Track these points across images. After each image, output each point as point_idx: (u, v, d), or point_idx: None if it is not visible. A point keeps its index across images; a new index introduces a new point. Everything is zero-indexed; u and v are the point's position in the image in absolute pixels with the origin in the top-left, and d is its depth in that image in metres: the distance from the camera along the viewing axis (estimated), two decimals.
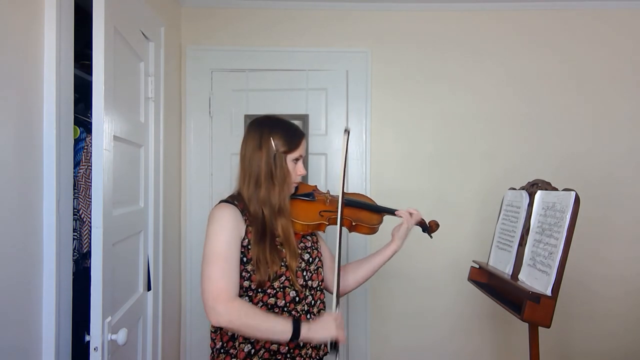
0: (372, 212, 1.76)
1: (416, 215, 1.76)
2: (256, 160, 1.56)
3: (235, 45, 2.95)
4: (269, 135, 1.56)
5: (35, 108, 1.44)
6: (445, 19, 2.96)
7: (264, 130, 1.58)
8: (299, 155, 1.60)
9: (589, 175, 2.90)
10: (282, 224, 1.54)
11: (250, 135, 1.60)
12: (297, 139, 1.59)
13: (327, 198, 1.69)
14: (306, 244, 1.63)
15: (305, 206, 1.63)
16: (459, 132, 2.95)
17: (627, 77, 2.93)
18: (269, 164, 1.55)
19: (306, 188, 1.71)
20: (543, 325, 1.57)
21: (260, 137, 1.57)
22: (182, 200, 2.93)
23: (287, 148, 1.57)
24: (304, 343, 1.53)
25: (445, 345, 2.97)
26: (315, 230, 1.63)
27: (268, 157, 1.55)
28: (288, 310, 1.54)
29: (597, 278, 2.91)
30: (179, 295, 2.89)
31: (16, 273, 1.35)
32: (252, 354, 1.51)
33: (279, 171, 1.55)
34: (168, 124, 2.54)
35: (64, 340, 1.56)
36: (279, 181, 1.55)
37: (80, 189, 1.97)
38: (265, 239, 1.51)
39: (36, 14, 1.44)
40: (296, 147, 1.59)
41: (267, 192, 1.54)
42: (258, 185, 1.55)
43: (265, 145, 1.55)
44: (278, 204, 1.55)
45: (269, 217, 1.54)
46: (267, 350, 1.51)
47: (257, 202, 1.55)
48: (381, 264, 1.75)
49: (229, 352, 1.53)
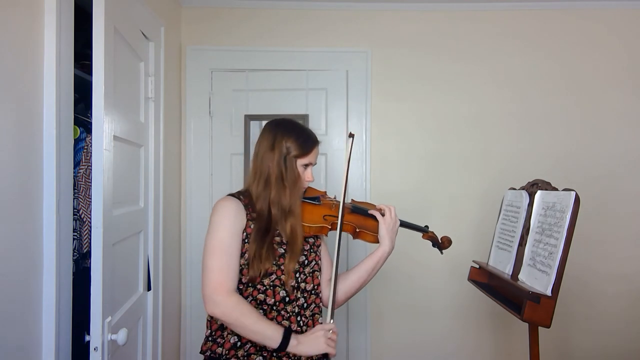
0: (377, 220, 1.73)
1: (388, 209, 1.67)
2: (267, 161, 1.58)
3: (235, 45, 2.95)
4: (282, 138, 1.58)
5: (35, 108, 1.44)
6: (446, 19, 2.96)
7: (279, 132, 1.60)
8: (309, 161, 1.62)
9: (589, 174, 2.90)
10: (292, 224, 1.55)
11: (264, 135, 1.63)
12: (309, 146, 1.61)
13: (333, 203, 1.69)
14: (304, 247, 1.62)
15: (310, 209, 1.64)
16: (459, 131, 2.95)
17: (626, 76, 2.93)
18: (280, 165, 1.57)
19: (314, 192, 1.73)
20: (543, 325, 1.57)
21: (274, 138, 1.59)
22: (182, 200, 2.93)
23: (298, 153, 1.58)
24: None
25: (445, 345, 2.97)
26: (318, 233, 1.63)
27: (279, 158, 1.57)
28: (277, 309, 1.53)
29: (597, 278, 2.91)
30: (179, 295, 2.89)
31: (16, 273, 1.35)
32: (238, 346, 1.51)
33: (289, 173, 1.57)
34: (168, 124, 2.54)
35: (64, 340, 1.56)
36: (289, 183, 1.57)
37: (80, 189, 1.97)
38: (266, 236, 1.52)
39: (36, 14, 1.44)
40: (307, 153, 1.61)
41: (277, 193, 1.56)
42: (268, 185, 1.57)
43: (278, 147, 1.58)
44: (289, 206, 1.56)
45: (276, 216, 1.55)
46: (253, 344, 1.51)
47: (266, 201, 1.56)
48: (372, 268, 1.65)
49: (216, 341, 1.54)
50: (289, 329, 1.48)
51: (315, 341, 1.46)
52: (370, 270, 1.66)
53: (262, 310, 1.52)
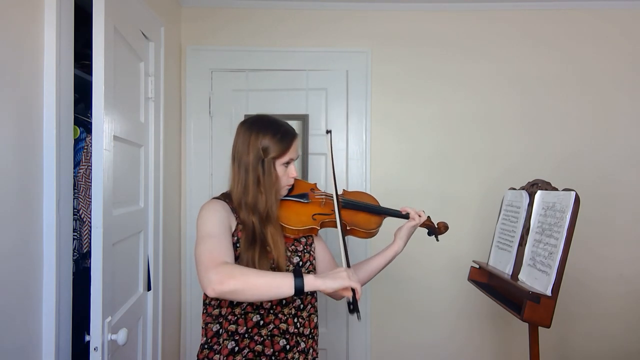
0: (372, 214, 1.69)
1: (424, 216, 1.73)
2: (244, 165, 1.52)
3: (235, 45, 2.95)
4: (257, 139, 1.51)
5: (35, 108, 1.44)
6: (446, 18, 2.96)
7: (252, 133, 1.53)
8: (289, 158, 1.54)
9: (589, 175, 2.90)
10: (271, 232, 1.49)
11: (239, 137, 1.56)
12: (286, 143, 1.53)
13: (322, 200, 1.62)
14: (297, 247, 1.59)
15: (298, 209, 1.58)
16: (459, 131, 2.95)
17: (627, 77, 2.93)
18: (257, 170, 1.50)
19: (303, 187, 1.64)
20: (543, 325, 1.57)
21: (249, 140, 1.52)
22: (182, 200, 2.93)
23: (276, 153, 1.51)
24: (290, 346, 1.50)
25: (445, 345, 2.97)
26: (307, 234, 1.58)
27: (255, 162, 1.51)
28: (275, 312, 1.52)
29: (597, 278, 2.91)
30: (179, 295, 2.89)
31: (16, 273, 1.35)
32: (236, 351, 1.48)
33: (266, 177, 1.50)
34: (168, 124, 2.54)
35: (64, 340, 1.56)
36: (266, 188, 1.50)
37: (80, 189, 1.97)
38: (255, 246, 1.47)
39: (36, 14, 1.44)
40: (285, 152, 1.53)
41: (254, 198, 1.50)
42: (246, 189, 1.51)
43: (253, 150, 1.51)
44: (265, 211, 1.50)
45: (257, 224, 1.49)
46: (252, 350, 1.48)
47: (246, 209, 1.51)
48: (382, 266, 1.69)
49: (213, 348, 1.51)
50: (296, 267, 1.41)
51: (337, 274, 1.31)
52: (381, 267, 1.68)
53: (259, 315, 1.50)
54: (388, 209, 1.72)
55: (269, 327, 1.50)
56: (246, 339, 1.48)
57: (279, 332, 1.51)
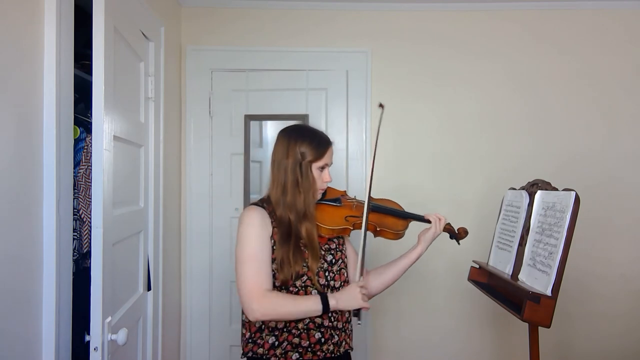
0: (398, 218, 1.82)
1: (443, 220, 1.83)
2: (283, 168, 1.65)
3: (235, 45, 2.95)
4: (296, 145, 1.65)
5: (35, 108, 1.44)
6: (446, 18, 2.95)
7: (291, 139, 1.67)
8: (324, 163, 1.68)
9: (590, 175, 2.89)
10: (307, 227, 1.63)
11: (279, 143, 1.69)
12: (322, 149, 1.67)
13: (353, 203, 1.76)
14: (330, 246, 1.72)
15: (332, 211, 1.71)
16: (459, 131, 2.95)
17: (630, 77, 2.93)
18: (295, 172, 1.64)
19: (334, 193, 1.78)
20: (543, 325, 1.57)
21: (288, 145, 1.66)
22: (182, 200, 2.92)
23: (312, 157, 1.65)
24: (324, 339, 1.65)
25: (445, 344, 2.97)
26: (341, 234, 1.70)
27: (294, 165, 1.64)
28: None
29: (597, 278, 2.91)
30: (179, 295, 2.89)
31: (16, 273, 1.35)
32: (276, 345, 1.61)
33: (304, 179, 1.64)
34: (168, 124, 2.54)
35: (64, 340, 1.56)
36: (304, 189, 1.64)
37: (80, 189, 1.97)
38: (289, 241, 1.61)
39: (36, 14, 1.44)
40: (321, 157, 1.66)
41: (293, 198, 1.63)
42: (285, 191, 1.64)
43: (292, 154, 1.64)
44: (303, 210, 1.64)
45: (294, 221, 1.63)
46: (290, 342, 1.61)
47: (284, 207, 1.64)
48: (407, 267, 1.81)
49: (256, 342, 1.64)
50: (323, 294, 1.59)
51: (352, 296, 1.58)
52: (407, 268, 1.81)
53: None
54: (412, 214, 1.85)
55: (305, 321, 1.62)
56: (285, 333, 1.61)
57: (314, 326, 1.62)
